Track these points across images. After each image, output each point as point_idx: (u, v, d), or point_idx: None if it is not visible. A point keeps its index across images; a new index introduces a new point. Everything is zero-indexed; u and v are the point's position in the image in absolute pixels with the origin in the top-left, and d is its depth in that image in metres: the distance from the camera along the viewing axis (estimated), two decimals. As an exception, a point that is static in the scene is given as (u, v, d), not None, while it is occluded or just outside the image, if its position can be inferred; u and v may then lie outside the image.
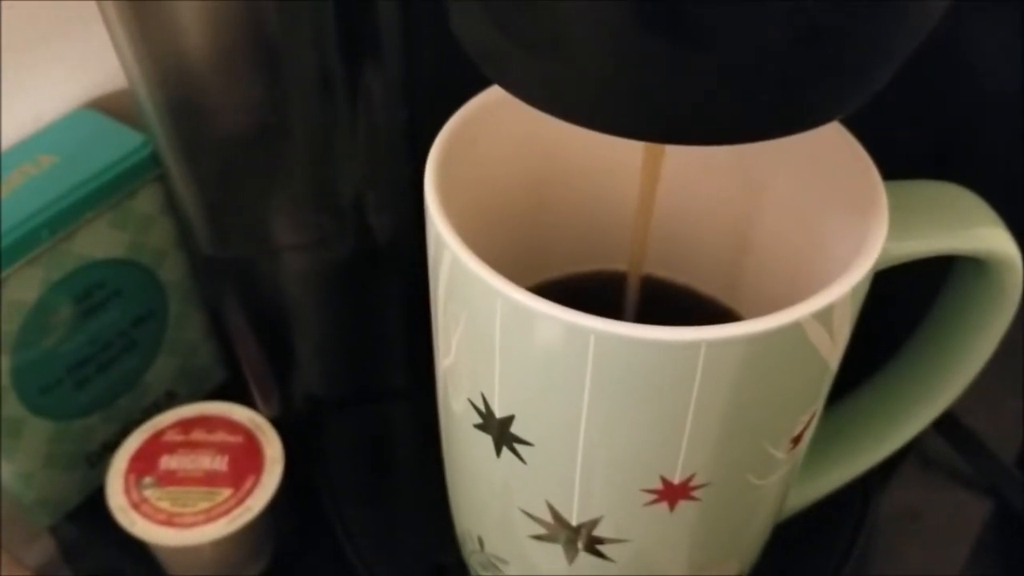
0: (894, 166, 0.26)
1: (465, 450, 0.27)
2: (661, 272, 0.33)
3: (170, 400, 0.44)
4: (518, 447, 0.24)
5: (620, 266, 0.30)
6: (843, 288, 0.22)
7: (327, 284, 0.35)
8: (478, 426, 0.25)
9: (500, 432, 0.25)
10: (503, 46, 0.19)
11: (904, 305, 0.31)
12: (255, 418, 0.39)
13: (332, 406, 0.40)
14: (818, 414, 0.26)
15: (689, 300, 0.33)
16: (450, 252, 0.22)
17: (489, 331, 0.23)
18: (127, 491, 0.37)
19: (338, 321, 0.37)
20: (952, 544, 0.42)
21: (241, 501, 0.36)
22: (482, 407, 0.25)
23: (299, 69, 0.29)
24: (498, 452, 0.25)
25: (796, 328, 0.21)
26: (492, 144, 0.28)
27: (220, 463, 0.38)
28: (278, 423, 0.38)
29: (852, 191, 0.26)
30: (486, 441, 0.25)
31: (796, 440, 0.25)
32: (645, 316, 0.30)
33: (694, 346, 0.21)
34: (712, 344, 0.21)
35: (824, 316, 0.22)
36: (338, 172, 0.32)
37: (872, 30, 0.18)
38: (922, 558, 0.41)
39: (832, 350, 0.23)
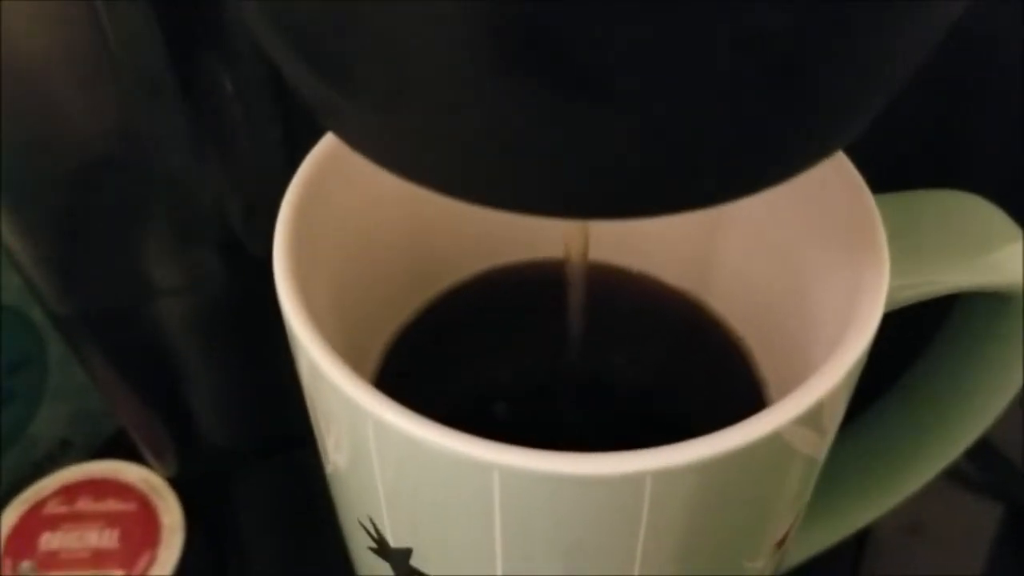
0: (887, 169, 0.21)
1: (367, 569, 0.22)
2: (615, 258, 0.27)
3: (65, 449, 0.38)
4: (424, 581, 0.19)
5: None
6: (832, 379, 0.16)
7: (212, 328, 0.30)
8: (374, 550, 0.20)
9: (399, 563, 0.19)
10: (330, 94, 0.13)
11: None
12: (150, 478, 0.33)
13: (237, 458, 0.34)
14: (804, 509, 0.20)
15: (651, 294, 0.27)
16: (307, 358, 0.17)
17: (366, 455, 0.17)
18: (3, 579, 0.31)
19: (230, 367, 0.31)
20: (962, 557, 0.37)
21: (135, 585, 0.31)
22: (374, 532, 0.19)
23: (133, 81, 0.23)
24: (401, 582, 0.20)
25: (774, 439, 0.16)
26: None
27: (110, 538, 0.32)
28: (177, 482, 0.33)
29: (839, 209, 0.20)
30: (386, 567, 0.20)
31: (780, 543, 0.20)
32: (596, 319, 0.24)
33: (635, 479, 0.15)
34: (659, 475, 0.15)
35: (811, 417, 0.16)
36: (202, 203, 0.26)
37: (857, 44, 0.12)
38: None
39: (821, 444, 0.18)
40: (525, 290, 0.27)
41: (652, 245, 0.27)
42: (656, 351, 0.27)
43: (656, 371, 0.26)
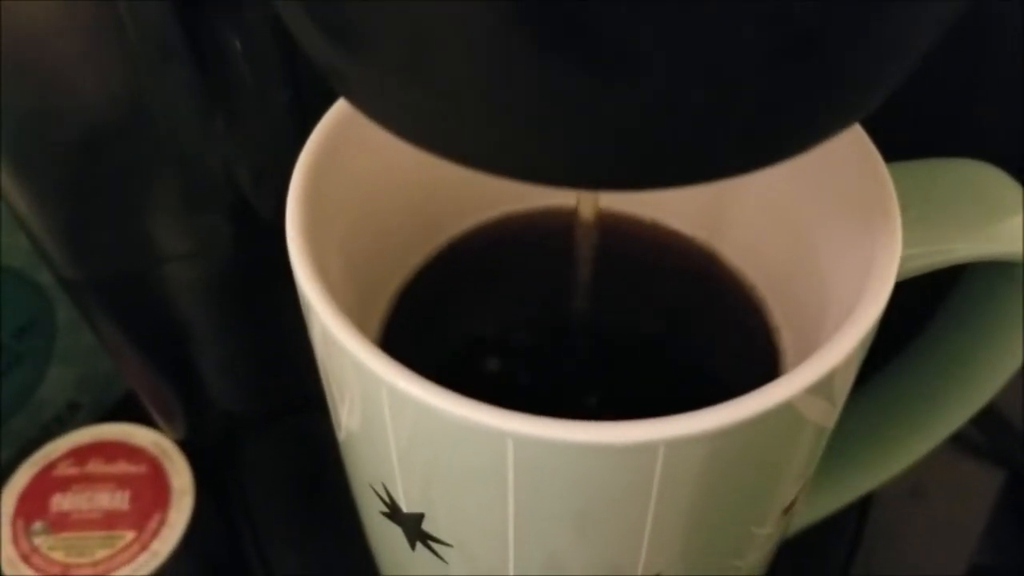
0: (899, 136, 0.21)
1: (378, 534, 0.22)
2: (626, 206, 0.27)
3: (73, 412, 0.39)
4: (434, 545, 0.19)
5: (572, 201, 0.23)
6: (845, 349, 0.16)
7: (221, 293, 0.30)
8: (385, 515, 0.20)
9: (410, 528, 0.19)
10: (342, 59, 0.13)
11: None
12: (160, 441, 0.34)
13: (248, 422, 0.34)
14: (812, 475, 0.21)
15: (663, 243, 0.27)
16: (320, 324, 0.17)
17: (379, 421, 0.17)
18: (16, 540, 0.32)
19: (240, 331, 0.31)
20: (963, 520, 0.37)
21: (145, 546, 0.31)
22: (386, 497, 0.19)
23: (141, 45, 0.23)
24: (412, 546, 0.20)
25: (787, 408, 0.16)
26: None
27: (120, 500, 0.32)
28: (187, 445, 0.33)
29: (852, 177, 0.20)
30: (397, 531, 0.20)
31: (788, 509, 0.20)
32: (607, 267, 0.24)
33: (648, 448, 0.15)
34: (672, 444, 0.15)
35: (823, 386, 0.16)
36: (211, 167, 0.26)
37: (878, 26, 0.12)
38: (930, 541, 0.36)
39: (832, 412, 0.18)
40: (533, 239, 0.27)
41: (664, 193, 0.26)
42: (668, 298, 0.26)
43: (668, 319, 0.26)
